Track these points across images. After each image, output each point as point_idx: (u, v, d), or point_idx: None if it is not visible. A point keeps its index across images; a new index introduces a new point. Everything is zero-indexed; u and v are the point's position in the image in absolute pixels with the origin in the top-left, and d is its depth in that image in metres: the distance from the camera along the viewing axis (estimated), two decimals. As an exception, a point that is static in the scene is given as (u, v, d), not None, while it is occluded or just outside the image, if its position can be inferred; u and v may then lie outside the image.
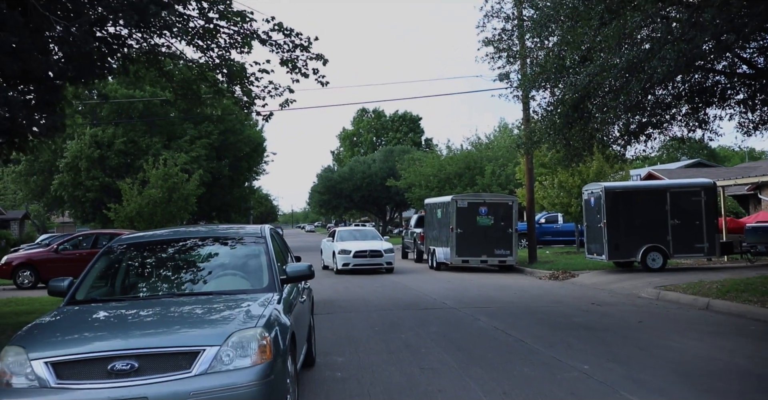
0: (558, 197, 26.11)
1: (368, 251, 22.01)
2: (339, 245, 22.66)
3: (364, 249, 22.07)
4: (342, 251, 22.14)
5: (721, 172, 37.24)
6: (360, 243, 22.66)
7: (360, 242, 22.79)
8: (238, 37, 13.71)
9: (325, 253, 24.46)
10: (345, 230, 25.49)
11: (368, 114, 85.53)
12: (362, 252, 21.96)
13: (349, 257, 21.89)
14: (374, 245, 22.60)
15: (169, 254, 6.43)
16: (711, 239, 18.85)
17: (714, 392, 6.32)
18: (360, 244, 22.55)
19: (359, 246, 22.25)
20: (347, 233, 24.57)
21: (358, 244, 22.53)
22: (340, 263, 22.02)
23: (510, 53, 16.63)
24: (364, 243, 22.69)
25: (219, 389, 4.47)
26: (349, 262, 21.86)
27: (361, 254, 21.90)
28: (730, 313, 11.76)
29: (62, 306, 5.71)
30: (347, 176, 64.16)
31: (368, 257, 21.88)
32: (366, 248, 22.13)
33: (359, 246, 22.25)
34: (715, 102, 15.72)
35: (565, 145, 15.84)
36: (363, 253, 21.95)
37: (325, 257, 24.43)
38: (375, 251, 22.08)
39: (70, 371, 4.49)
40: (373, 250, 22.09)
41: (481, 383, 6.82)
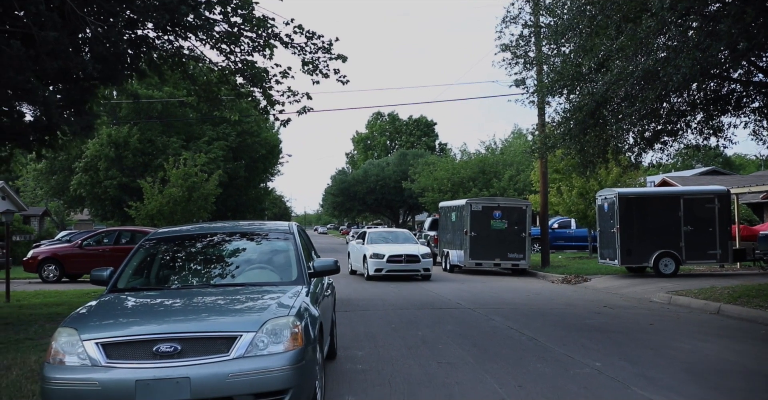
0: (575, 204, 26.30)
1: (404, 255, 19.76)
2: (370, 249, 20.47)
3: (399, 253, 19.82)
4: (374, 255, 20.00)
5: (735, 179, 37.26)
6: (394, 246, 20.55)
7: (394, 246, 20.68)
8: (260, 40, 14.09)
9: (354, 256, 22.45)
10: (376, 231, 23.66)
11: (383, 117, 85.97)
12: (397, 257, 19.74)
13: (382, 262, 19.76)
14: (410, 249, 20.37)
15: (201, 247, 6.79)
16: (724, 246, 19.00)
17: (722, 390, 6.56)
18: (394, 247, 20.43)
19: (393, 250, 20.06)
20: (378, 234, 22.60)
21: (391, 247, 20.41)
22: (372, 268, 19.90)
23: (527, 59, 16.88)
24: (399, 246, 20.55)
25: (255, 371, 4.79)
26: (382, 267, 19.73)
27: (395, 259, 19.71)
28: (740, 318, 11.94)
29: (105, 293, 6.08)
30: (361, 179, 64.55)
31: (404, 263, 19.70)
32: (401, 252, 19.86)
33: (393, 250, 20.06)
34: (730, 110, 15.91)
35: (579, 151, 16.08)
36: (398, 258, 19.73)
37: (354, 260, 22.40)
38: (411, 255, 19.88)
39: (118, 352, 4.84)
40: (410, 255, 19.88)
41: (496, 376, 7.10)
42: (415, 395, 6.36)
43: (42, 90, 8.96)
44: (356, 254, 22.00)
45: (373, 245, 21.00)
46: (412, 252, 20.07)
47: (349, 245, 24.01)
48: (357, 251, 21.93)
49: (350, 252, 23.36)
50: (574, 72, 14.08)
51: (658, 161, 16.55)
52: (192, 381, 4.68)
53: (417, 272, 20.03)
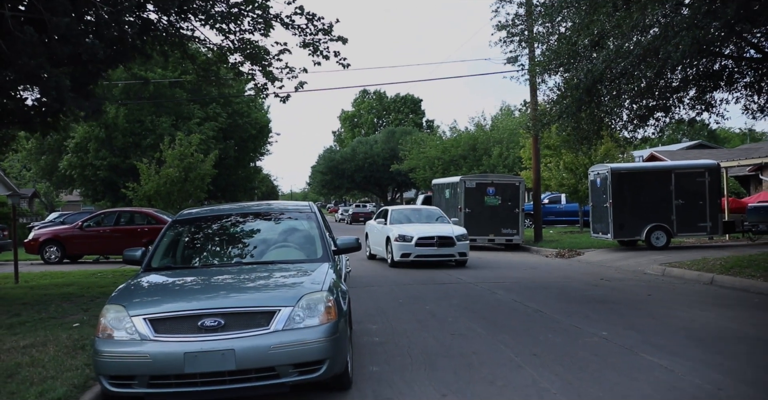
0: (565, 179, 26.67)
1: (436, 237, 16.66)
2: (395, 230, 17.28)
3: (430, 235, 16.76)
4: (400, 237, 16.85)
5: (722, 153, 37.78)
6: (422, 226, 17.60)
7: (422, 226, 17.75)
8: (261, 20, 14.18)
9: (374, 238, 19.39)
10: (400, 208, 20.16)
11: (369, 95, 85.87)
12: (428, 239, 16.65)
13: (409, 246, 16.66)
14: (443, 229, 17.24)
15: (228, 227, 7.06)
16: (714, 219, 19.45)
17: (725, 355, 6.92)
18: (423, 228, 17.42)
19: (423, 231, 17.03)
20: (402, 212, 19.36)
21: (420, 228, 17.40)
22: (398, 252, 16.77)
23: (522, 38, 17.05)
24: (428, 227, 17.62)
25: (294, 343, 5.08)
26: (410, 252, 16.65)
27: (425, 242, 16.63)
28: (733, 287, 12.36)
29: (141, 272, 6.33)
30: (349, 157, 64.71)
31: (436, 246, 16.60)
32: (432, 234, 16.80)
33: (423, 231, 17.03)
34: (722, 86, 16.22)
35: (575, 128, 16.36)
36: (429, 240, 16.64)
37: (374, 243, 19.34)
38: (445, 238, 16.71)
39: (164, 326, 5.13)
40: (443, 236, 16.73)
41: (510, 346, 7.43)
42: (435, 364, 6.67)
43: (55, 74, 9.07)
44: (377, 235, 18.92)
45: (398, 225, 17.84)
46: (445, 233, 16.89)
47: (368, 226, 20.81)
48: (378, 232, 18.83)
49: (368, 233, 20.23)
50: (569, 50, 14.29)
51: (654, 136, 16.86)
52: (237, 353, 4.96)
53: (451, 257, 16.92)
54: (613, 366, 6.48)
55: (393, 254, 17.02)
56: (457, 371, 6.40)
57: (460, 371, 6.37)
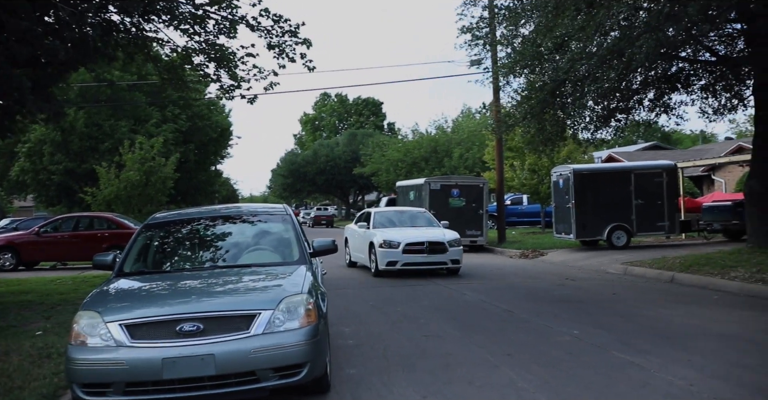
0: (527, 179, 27.02)
1: (426, 243, 14.89)
2: (379, 235, 15.43)
3: (419, 240, 14.98)
4: (385, 243, 15.05)
5: (676, 154, 38.75)
6: (410, 231, 15.83)
7: (410, 230, 15.96)
8: (226, 22, 14.03)
9: (355, 244, 17.70)
10: (384, 211, 18.25)
11: (331, 98, 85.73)
12: (417, 245, 14.91)
13: (396, 253, 14.84)
14: (433, 234, 15.43)
15: (202, 230, 6.96)
16: (672, 218, 19.93)
17: (692, 351, 7.09)
18: (411, 232, 15.64)
19: (411, 236, 15.23)
20: (387, 215, 17.49)
21: (407, 232, 15.63)
22: (383, 260, 14.97)
23: (486, 41, 17.26)
24: (417, 231, 15.79)
25: (275, 347, 5.04)
26: (396, 259, 14.84)
27: (414, 248, 14.88)
28: (693, 285, 12.67)
29: (113, 277, 6.20)
30: (311, 160, 64.48)
31: (426, 253, 14.85)
32: (422, 239, 15.00)
33: (411, 236, 15.23)
34: (679, 88, 16.68)
35: (539, 130, 16.62)
36: (418, 246, 14.90)
37: (355, 249, 17.64)
38: (436, 243, 14.96)
39: (141, 332, 5.04)
40: (434, 242, 14.96)
41: (484, 346, 7.49)
42: (413, 366, 6.68)
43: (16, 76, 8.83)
44: (358, 241, 17.16)
45: (383, 229, 16.05)
46: (435, 238, 15.11)
47: (347, 230, 18.93)
48: (360, 237, 17.04)
49: (348, 238, 18.41)
50: (534, 52, 14.51)
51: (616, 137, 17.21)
52: (216, 358, 4.90)
53: (443, 265, 15.15)
54: (587, 364, 6.58)
55: (377, 261, 15.14)
56: (435, 372, 6.42)
57: (438, 372, 6.39)
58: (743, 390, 5.66)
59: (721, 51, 16.24)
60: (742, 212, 18.78)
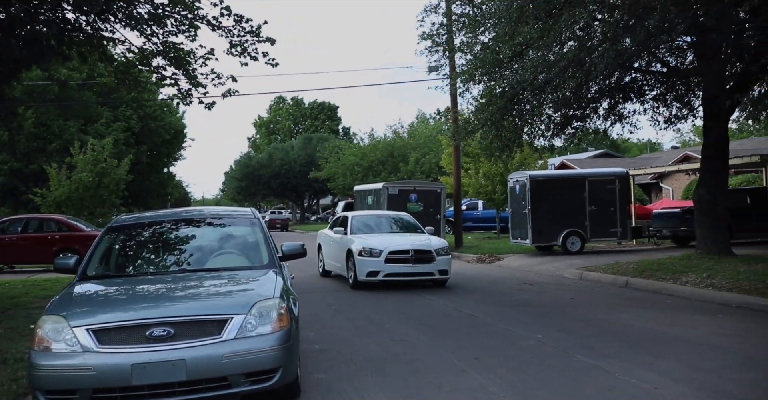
0: (482, 186, 27.32)
1: (411, 251, 13.36)
2: (359, 241, 13.85)
3: (403, 248, 13.46)
4: (365, 251, 13.46)
5: (626, 162, 39.73)
6: (393, 238, 14.24)
7: (393, 236, 14.40)
8: (185, 21, 13.82)
9: (329, 251, 15.99)
10: (363, 215, 16.52)
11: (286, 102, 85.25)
12: (401, 253, 13.37)
13: (378, 262, 13.29)
14: (418, 241, 13.90)
15: (168, 233, 6.81)
16: (624, 224, 20.41)
17: (653, 354, 7.26)
18: (394, 239, 14.09)
19: (395, 243, 13.69)
20: (366, 220, 15.71)
21: (391, 239, 14.03)
22: (363, 270, 13.37)
23: (446, 48, 17.41)
24: (401, 238, 14.25)
25: (247, 352, 4.98)
26: (378, 269, 13.29)
27: (398, 257, 13.33)
28: (647, 289, 12.99)
29: (77, 281, 6.02)
30: (266, 163, 64.00)
31: (411, 262, 13.30)
32: (407, 247, 13.47)
33: (395, 243, 13.69)
34: (632, 98, 17.11)
35: (496, 136, 16.83)
36: (403, 255, 13.36)
37: (329, 257, 15.97)
38: (422, 251, 13.45)
39: (109, 337, 4.91)
40: (420, 250, 13.45)
41: (451, 350, 7.54)
42: (382, 370, 6.68)
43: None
44: (334, 248, 15.47)
45: (362, 235, 14.46)
46: (421, 246, 13.58)
47: (320, 236, 17.23)
48: (336, 244, 15.32)
49: (322, 245, 16.77)
50: (494, 59, 14.68)
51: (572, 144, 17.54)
52: (188, 363, 4.81)
53: (429, 276, 13.56)
54: (554, 368, 6.67)
55: (356, 271, 13.49)
56: (405, 376, 6.43)
57: (408, 377, 6.40)
58: (704, 393, 5.81)
59: (672, 62, 16.72)
60: (690, 219, 19.37)
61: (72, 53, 12.62)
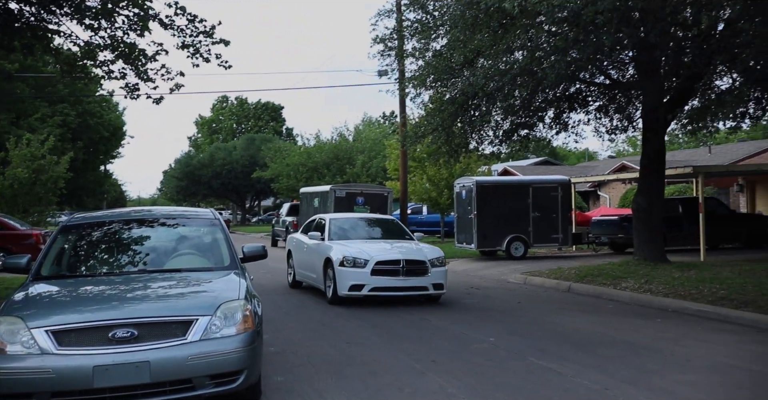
0: (427, 191, 27.61)
1: (403, 261, 11.49)
2: (339, 249, 11.89)
3: (393, 258, 11.59)
4: (348, 261, 11.50)
5: (565, 170, 40.85)
6: (381, 245, 12.33)
7: (380, 244, 12.45)
8: (137, 19, 13.55)
9: (302, 259, 13.87)
10: (343, 218, 14.16)
11: (229, 101, 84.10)
12: (390, 264, 11.51)
13: (363, 274, 11.37)
14: (410, 250, 12.03)
15: (126, 233, 6.68)
16: (565, 231, 20.95)
17: (601, 357, 7.53)
18: (382, 247, 12.17)
19: (383, 252, 11.83)
20: (347, 224, 13.59)
21: (378, 247, 12.12)
22: (345, 283, 11.43)
23: (398, 52, 17.54)
24: (389, 246, 12.34)
25: (212, 354, 4.95)
26: (363, 282, 11.37)
27: (387, 268, 11.47)
28: (588, 294, 13.39)
29: (30, 281, 5.85)
30: (207, 163, 63.00)
31: (402, 275, 11.44)
32: (397, 256, 11.60)
33: (383, 252, 11.83)
34: (576, 108, 17.63)
35: (446, 141, 17.06)
36: (392, 266, 11.50)
37: (301, 266, 13.85)
38: (415, 262, 11.60)
39: (69, 339, 4.80)
40: (412, 260, 11.58)
41: (408, 353, 7.63)
42: (340, 372, 6.71)
43: None
44: (308, 256, 13.36)
45: (343, 242, 12.46)
46: (413, 255, 11.76)
47: (290, 241, 15.16)
48: (310, 251, 13.26)
49: (292, 251, 14.65)
50: (446, 66, 14.89)
51: (520, 152, 17.91)
52: (152, 365, 4.76)
53: (423, 290, 11.72)
54: (509, 370, 6.85)
55: (336, 284, 11.55)
56: (364, 379, 6.48)
57: (367, 379, 6.46)
58: (652, 393, 6.06)
59: (614, 75, 17.31)
60: (627, 226, 20.05)
61: (15, 45, 12.20)
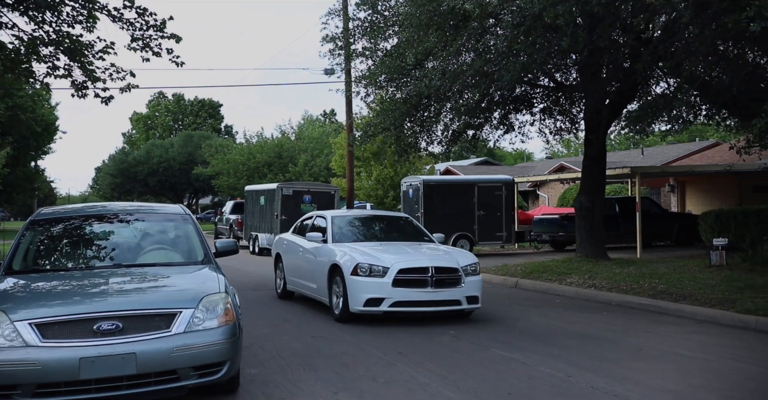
0: (374, 190, 27.86)
1: (431, 269, 9.30)
2: (350, 253, 9.70)
3: (421, 264, 9.37)
4: (362, 269, 9.25)
5: (505, 170, 41.76)
6: (400, 249, 10.14)
7: (398, 247, 10.26)
8: (83, 10, 13.24)
9: (297, 265, 11.58)
10: (349, 216, 12.09)
11: (166, 98, 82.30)
12: (417, 272, 9.29)
13: (381, 284, 9.14)
14: (437, 254, 9.97)
15: (97, 228, 6.61)
16: (509, 229, 21.53)
17: (560, 347, 7.87)
18: (400, 251, 9.99)
19: (404, 257, 9.58)
20: (352, 223, 11.57)
21: (396, 250, 9.96)
22: (359, 296, 9.19)
23: (348, 52, 17.65)
24: (411, 249, 10.20)
25: (196, 345, 5.02)
26: (382, 295, 9.12)
27: (413, 278, 9.24)
28: (535, 290, 13.84)
29: (3, 275, 5.78)
30: (143, 160, 61.61)
31: (432, 287, 9.24)
32: (425, 264, 9.38)
33: (404, 257, 9.58)
34: (522, 109, 18.13)
35: (396, 141, 17.28)
36: (419, 274, 9.28)
37: (297, 274, 11.57)
38: (446, 269, 9.45)
39: (54, 331, 4.80)
40: (442, 268, 9.42)
41: (374, 346, 7.80)
42: (312, 365, 6.82)
43: None
44: (305, 261, 11.14)
45: (351, 244, 10.28)
46: (443, 261, 9.61)
47: (279, 242, 12.94)
48: (309, 256, 10.99)
49: (282, 255, 12.44)
50: (398, 66, 15.09)
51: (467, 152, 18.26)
52: (138, 357, 4.80)
53: (455, 306, 9.50)
54: (475, 360, 7.10)
55: (349, 297, 9.28)
56: (336, 370, 6.62)
57: (340, 371, 6.59)
58: (611, 380, 6.40)
59: (558, 78, 17.89)
60: (567, 225, 20.77)
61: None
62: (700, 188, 26.74)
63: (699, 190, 26.79)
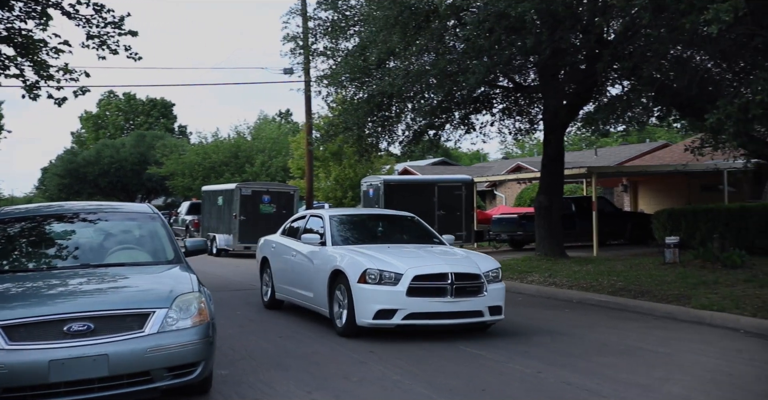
0: (332, 190, 27.79)
1: (451, 276, 8.11)
2: (353, 258, 8.53)
3: (439, 270, 8.19)
4: (371, 275, 8.05)
5: (462, 169, 42.10)
6: (413, 252, 8.99)
7: (408, 250, 9.12)
8: (37, 7, 12.87)
9: (289, 271, 10.27)
10: (348, 215, 11.00)
11: (116, 97, 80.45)
12: (434, 279, 8.12)
13: (394, 293, 7.95)
14: (454, 259, 8.81)
15: (66, 227, 6.42)
16: (468, 228, 21.72)
17: (526, 344, 7.98)
18: (412, 254, 8.86)
19: (418, 262, 8.42)
20: (352, 224, 10.51)
21: (405, 254, 8.81)
22: (368, 307, 7.97)
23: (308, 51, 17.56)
24: (424, 253, 8.94)
25: (170, 346, 4.93)
26: (395, 306, 7.93)
27: (430, 286, 8.09)
28: (498, 289, 13.99)
29: None
30: (93, 160, 60.02)
31: (452, 296, 8.05)
32: (443, 270, 8.20)
33: (418, 262, 8.42)
34: (482, 110, 18.32)
35: (357, 140, 17.28)
36: (437, 282, 8.11)
37: (287, 281, 10.27)
38: (467, 276, 8.30)
39: (21, 333, 4.65)
40: (463, 274, 8.26)
41: (342, 344, 7.78)
42: (283, 365, 6.77)
43: None
44: (299, 266, 9.86)
45: (355, 248, 9.04)
46: (463, 267, 8.46)
47: (265, 245, 11.60)
48: (303, 261, 9.76)
49: (269, 259, 11.10)
50: (360, 65, 15.09)
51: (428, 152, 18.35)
52: (110, 358, 4.70)
53: (476, 317, 8.33)
54: (445, 358, 7.14)
55: (356, 308, 8.08)
56: (308, 369, 6.57)
57: (312, 370, 6.55)
58: (581, 375, 6.51)
59: (517, 79, 18.13)
60: (525, 224, 21.05)
61: None
62: (652, 188, 27.44)
63: (651, 190, 27.48)
